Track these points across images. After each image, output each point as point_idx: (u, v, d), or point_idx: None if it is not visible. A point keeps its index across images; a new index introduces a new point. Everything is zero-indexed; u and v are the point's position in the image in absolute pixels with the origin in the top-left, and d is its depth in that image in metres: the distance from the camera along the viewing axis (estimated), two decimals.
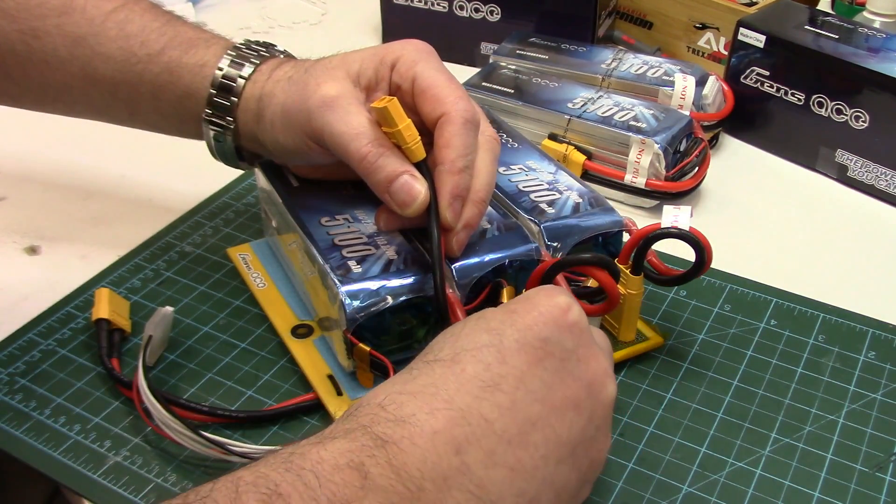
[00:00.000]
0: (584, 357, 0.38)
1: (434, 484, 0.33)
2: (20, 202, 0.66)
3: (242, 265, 0.58)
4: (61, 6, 0.53)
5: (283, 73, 0.51)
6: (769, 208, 0.67)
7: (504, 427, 0.35)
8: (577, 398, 0.37)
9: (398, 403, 0.35)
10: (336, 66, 0.49)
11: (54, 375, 0.50)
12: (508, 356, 0.36)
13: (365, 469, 0.32)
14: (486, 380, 0.36)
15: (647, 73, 0.71)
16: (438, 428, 0.34)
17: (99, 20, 0.53)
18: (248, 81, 0.51)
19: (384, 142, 0.46)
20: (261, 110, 0.51)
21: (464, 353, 0.36)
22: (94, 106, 0.56)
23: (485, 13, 0.82)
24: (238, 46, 0.53)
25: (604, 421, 0.38)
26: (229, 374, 0.51)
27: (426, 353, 0.38)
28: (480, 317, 0.39)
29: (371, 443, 0.33)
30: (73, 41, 0.53)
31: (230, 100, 0.52)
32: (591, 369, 0.38)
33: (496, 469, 0.34)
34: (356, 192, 0.53)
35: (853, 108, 0.67)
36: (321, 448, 0.33)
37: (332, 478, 0.32)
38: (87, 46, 0.53)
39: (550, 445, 0.36)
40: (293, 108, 0.48)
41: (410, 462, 0.33)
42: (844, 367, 0.52)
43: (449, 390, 0.35)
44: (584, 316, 0.39)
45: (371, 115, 0.47)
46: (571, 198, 0.54)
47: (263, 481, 0.32)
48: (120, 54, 0.53)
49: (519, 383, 0.36)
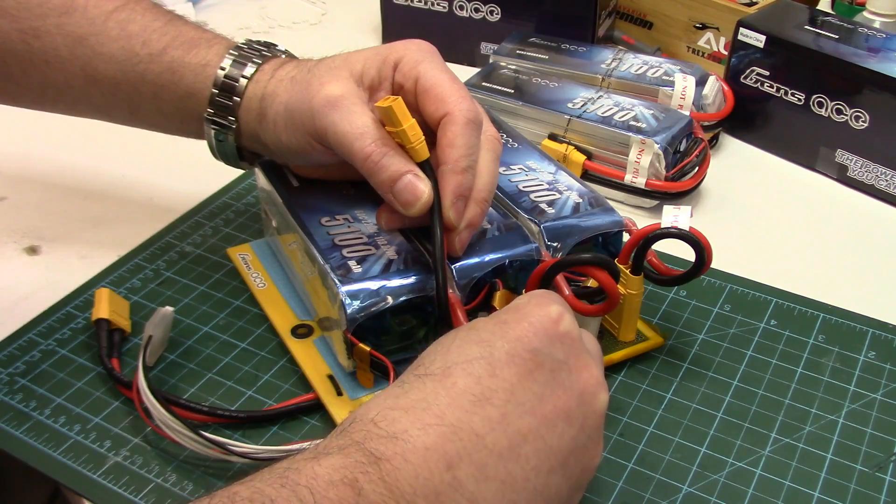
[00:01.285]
0: (575, 367, 0.38)
1: (426, 500, 0.33)
2: (20, 202, 0.66)
3: (242, 265, 0.58)
4: (62, 5, 0.53)
5: (285, 72, 0.51)
6: (769, 208, 0.67)
7: (495, 441, 0.35)
8: (568, 408, 0.37)
9: (390, 419, 0.35)
10: (339, 65, 0.49)
11: (54, 375, 0.50)
12: (499, 369, 0.36)
13: (359, 485, 0.33)
14: (476, 394, 0.36)
15: (647, 73, 0.71)
16: (430, 444, 0.34)
17: (100, 20, 0.53)
18: (250, 81, 0.51)
19: (388, 141, 0.46)
20: (263, 110, 0.51)
21: (454, 367, 0.36)
22: (94, 105, 0.56)
23: (485, 13, 0.82)
24: (240, 46, 0.53)
25: (595, 430, 0.38)
26: (229, 374, 0.51)
27: (417, 365, 0.38)
28: (471, 328, 0.39)
29: (364, 459, 0.33)
30: (75, 41, 0.53)
31: (232, 99, 0.52)
32: (582, 379, 0.38)
33: (488, 483, 0.34)
34: (356, 192, 0.53)
35: (853, 108, 0.67)
36: (316, 464, 0.33)
37: (327, 493, 0.32)
38: (88, 46, 0.53)
39: (541, 456, 0.36)
40: (297, 107, 0.48)
41: (403, 478, 0.33)
42: (844, 367, 0.52)
43: (440, 405, 0.35)
44: (576, 324, 0.39)
45: (375, 114, 0.47)
46: (571, 198, 0.54)
47: (259, 497, 0.32)
48: (122, 54, 0.53)
49: (510, 396, 0.36)
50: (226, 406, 0.49)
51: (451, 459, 0.34)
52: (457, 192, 0.46)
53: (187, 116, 0.54)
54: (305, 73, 0.50)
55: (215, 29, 0.56)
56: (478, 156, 0.47)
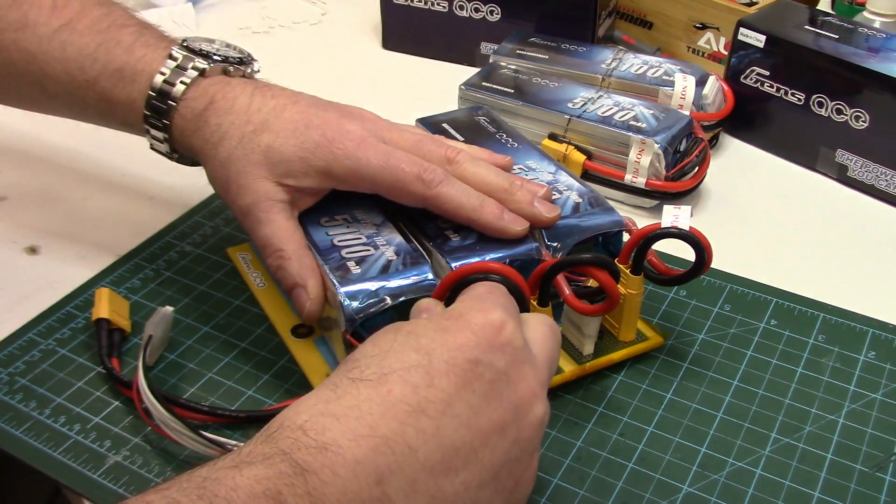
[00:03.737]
0: (514, 378, 0.37)
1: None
2: (20, 202, 0.66)
3: (242, 265, 0.58)
4: (17, 21, 0.53)
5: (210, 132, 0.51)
6: (769, 208, 0.67)
7: (427, 455, 0.34)
8: (503, 421, 0.36)
9: (320, 427, 0.33)
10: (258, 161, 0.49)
11: (54, 375, 0.50)
12: (437, 378, 0.35)
13: (282, 498, 0.31)
14: (412, 404, 0.34)
15: (647, 73, 0.71)
16: (361, 457, 0.33)
17: (46, 39, 0.53)
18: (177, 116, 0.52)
19: (285, 252, 0.48)
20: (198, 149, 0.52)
21: (391, 374, 0.35)
22: (59, 114, 0.57)
23: (485, 13, 0.82)
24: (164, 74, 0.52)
25: (529, 443, 0.37)
26: (229, 374, 0.51)
27: (351, 366, 0.36)
28: (410, 332, 0.37)
29: (290, 470, 0.32)
30: (27, 58, 0.53)
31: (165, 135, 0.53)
32: (519, 391, 0.37)
33: (417, 497, 0.33)
34: (355, 193, 0.53)
35: (853, 108, 0.67)
36: (237, 473, 0.32)
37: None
38: (37, 65, 0.53)
39: (472, 470, 0.35)
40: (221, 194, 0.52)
41: (330, 493, 0.32)
42: (844, 367, 0.52)
43: (374, 415, 0.34)
44: (519, 331, 0.38)
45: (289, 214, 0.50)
46: (571, 198, 0.54)
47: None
48: (64, 77, 0.53)
49: (446, 408, 0.35)
50: (226, 406, 0.49)
51: (382, 473, 0.33)
52: (488, 225, 0.49)
53: (137, 134, 0.54)
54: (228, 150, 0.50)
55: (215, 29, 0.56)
56: (461, 186, 0.49)
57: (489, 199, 0.50)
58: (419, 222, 0.52)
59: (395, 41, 0.87)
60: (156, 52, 0.53)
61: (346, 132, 0.49)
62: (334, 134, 0.49)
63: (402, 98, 0.79)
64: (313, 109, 0.51)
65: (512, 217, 0.49)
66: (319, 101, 0.52)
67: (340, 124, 0.50)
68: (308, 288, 0.48)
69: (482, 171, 0.51)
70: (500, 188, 0.50)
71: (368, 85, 0.82)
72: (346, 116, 0.51)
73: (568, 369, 0.49)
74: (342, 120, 0.50)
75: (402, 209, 0.52)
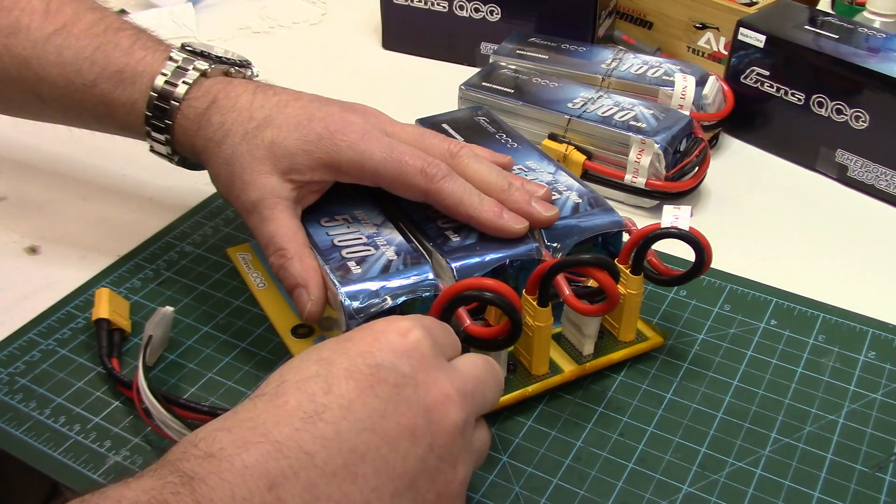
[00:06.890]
0: (423, 382, 0.36)
1: None
2: (20, 202, 0.66)
3: (242, 265, 0.58)
4: (9, 26, 0.53)
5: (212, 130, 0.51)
6: (769, 208, 0.67)
7: (326, 459, 0.33)
8: (413, 426, 0.35)
9: (211, 440, 0.33)
10: (263, 156, 0.49)
11: (54, 375, 0.50)
12: (335, 385, 0.34)
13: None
14: (308, 410, 0.33)
15: (647, 73, 0.71)
16: (250, 462, 0.32)
17: (41, 43, 0.53)
18: (179, 115, 0.51)
19: (287, 251, 0.48)
20: (200, 150, 0.52)
21: (288, 385, 0.34)
22: (52, 120, 0.57)
23: (485, 13, 0.82)
24: (166, 75, 0.52)
25: (446, 450, 0.36)
26: (229, 374, 0.51)
27: (255, 389, 0.36)
28: (315, 347, 0.37)
29: (177, 479, 0.31)
30: (20, 62, 0.53)
31: (166, 136, 0.52)
32: (430, 395, 0.35)
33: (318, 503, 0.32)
34: (356, 193, 0.53)
35: (853, 108, 0.67)
36: (125, 487, 0.31)
37: None
38: (31, 69, 0.53)
39: (383, 477, 0.34)
40: (225, 193, 0.51)
41: (218, 498, 0.31)
42: (844, 367, 0.52)
43: (267, 423, 0.33)
44: (429, 339, 0.37)
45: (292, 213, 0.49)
46: (571, 198, 0.54)
47: None
48: (61, 81, 0.53)
49: (345, 412, 0.34)
50: (226, 406, 0.48)
51: (275, 479, 0.32)
52: (487, 224, 0.49)
53: (136, 137, 0.54)
54: (232, 146, 0.50)
55: (215, 29, 0.56)
56: (463, 183, 0.49)
57: (489, 197, 0.50)
58: (419, 222, 0.52)
59: (395, 41, 0.87)
60: (155, 55, 0.53)
61: (350, 124, 0.49)
62: (337, 126, 0.49)
63: (402, 98, 0.79)
64: (316, 104, 0.51)
65: (511, 216, 0.49)
66: (321, 97, 0.53)
67: (343, 117, 0.50)
68: (309, 288, 0.48)
69: (483, 169, 0.51)
70: (498, 187, 0.50)
71: (368, 85, 0.82)
72: (349, 110, 0.51)
73: (568, 369, 0.49)
74: (345, 113, 0.50)
75: (403, 209, 0.52)
